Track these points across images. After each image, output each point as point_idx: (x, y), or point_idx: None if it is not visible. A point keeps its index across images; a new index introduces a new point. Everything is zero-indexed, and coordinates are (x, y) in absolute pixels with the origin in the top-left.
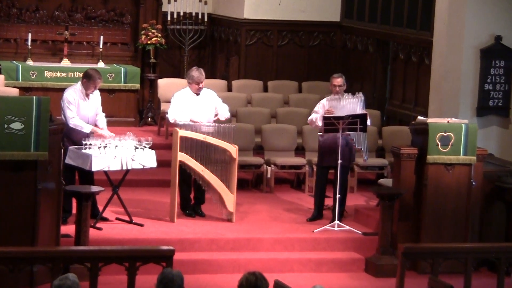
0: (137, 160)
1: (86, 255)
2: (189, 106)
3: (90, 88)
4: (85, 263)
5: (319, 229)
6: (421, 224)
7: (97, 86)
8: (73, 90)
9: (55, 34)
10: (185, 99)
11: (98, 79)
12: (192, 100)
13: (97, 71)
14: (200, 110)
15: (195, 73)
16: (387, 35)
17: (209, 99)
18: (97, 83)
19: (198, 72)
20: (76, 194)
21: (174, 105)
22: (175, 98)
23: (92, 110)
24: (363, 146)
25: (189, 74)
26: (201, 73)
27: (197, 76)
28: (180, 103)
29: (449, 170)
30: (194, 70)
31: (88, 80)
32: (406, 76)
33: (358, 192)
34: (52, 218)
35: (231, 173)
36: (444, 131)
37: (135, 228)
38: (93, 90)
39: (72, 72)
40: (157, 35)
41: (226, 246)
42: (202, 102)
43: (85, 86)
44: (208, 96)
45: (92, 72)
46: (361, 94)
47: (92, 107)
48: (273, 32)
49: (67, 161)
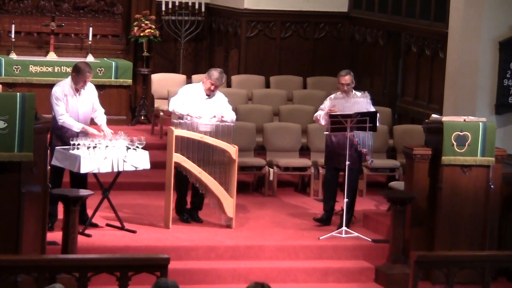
0: (129, 162)
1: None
2: (196, 104)
3: (80, 83)
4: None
5: (325, 236)
6: (435, 231)
7: (87, 80)
8: (62, 85)
9: (40, 25)
10: (195, 95)
11: (88, 72)
12: (201, 99)
13: (87, 64)
14: (206, 113)
15: (216, 73)
16: (398, 27)
17: (218, 103)
18: (86, 77)
19: (220, 75)
20: (63, 198)
21: (180, 96)
22: (184, 90)
23: (84, 106)
24: (368, 148)
25: (210, 71)
26: (222, 77)
27: (216, 77)
28: (187, 96)
29: (466, 172)
30: (218, 70)
31: (77, 74)
32: (419, 71)
33: (368, 196)
34: (37, 224)
35: (231, 176)
36: (460, 130)
37: (127, 235)
38: (83, 85)
39: (59, 66)
40: (150, 27)
41: (225, 254)
42: (210, 105)
43: (74, 81)
44: (218, 101)
45: (81, 65)
46: (366, 93)
47: (84, 103)
48: (275, 23)
49: (53, 163)
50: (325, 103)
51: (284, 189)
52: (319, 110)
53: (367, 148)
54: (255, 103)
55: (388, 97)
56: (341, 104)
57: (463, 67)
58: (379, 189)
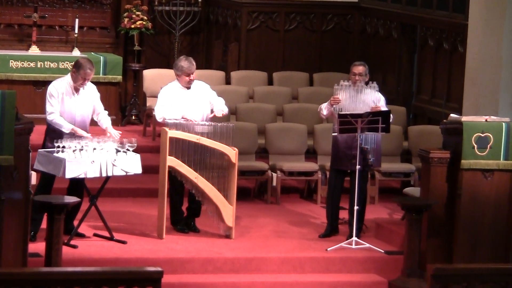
0: (118, 166)
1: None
2: (179, 102)
3: (79, 80)
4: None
5: (333, 247)
6: (454, 241)
7: (88, 78)
8: (59, 82)
9: (22, 16)
10: (174, 95)
11: (89, 69)
12: (182, 95)
13: (88, 60)
14: (192, 107)
15: (184, 62)
16: (414, 18)
17: (202, 93)
18: (87, 75)
19: (187, 61)
20: (47, 206)
21: (161, 102)
22: (162, 94)
23: (82, 107)
24: (370, 145)
25: (176, 65)
26: (191, 63)
27: (187, 67)
28: (168, 99)
29: (488, 177)
30: (183, 59)
31: (77, 70)
32: (436, 67)
33: (380, 203)
34: (18, 234)
35: (230, 181)
36: (481, 132)
37: (117, 246)
38: (82, 83)
39: (42, 61)
40: (142, 18)
41: (224, 267)
42: (194, 96)
43: (73, 78)
44: (200, 90)
45: (83, 62)
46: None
47: (83, 104)
48: (279, 14)
49: (35, 167)
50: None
51: (289, 195)
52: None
53: (369, 145)
54: (257, 101)
55: (403, 95)
56: (347, 91)
57: (485, 62)
58: (392, 195)
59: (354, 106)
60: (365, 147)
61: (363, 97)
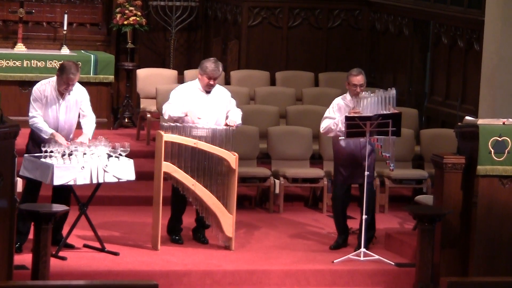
0: (110, 172)
1: None
2: (193, 105)
3: (62, 85)
4: None
5: (340, 259)
6: (470, 253)
7: (71, 83)
8: (44, 84)
9: (7, 12)
10: (190, 95)
11: (72, 74)
12: (198, 98)
13: (74, 64)
14: (207, 113)
15: (210, 64)
16: (426, 14)
17: (220, 99)
18: (70, 80)
19: (214, 64)
20: (34, 215)
21: (172, 99)
22: (176, 92)
23: (68, 113)
24: (391, 153)
25: (202, 64)
26: (218, 67)
27: (211, 69)
28: (181, 98)
29: (505, 184)
30: (211, 61)
31: (60, 74)
32: (450, 66)
33: (390, 212)
34: (3, 245)
35: (230, 188)
36: (498, 135)
37: (108, 258)
38: (65, 88)
39: (28, 60)
40: (135, 14)
41: (223, 281)
42: (211, 102)
43: (57, 82)
44: (219, 96)
45: (67, 65)
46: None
47: (69, 110)
48: (282, 9)
49: (21, 173)
50: (332, 110)
51: (292, 204)
52: (325, 120)
53: (391, 153)
54: (259, 103)
55: (415, 96)
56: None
57: (503, 61)
58: (403, 204)
59: None
60: (385, 155)
61: (372, 107)
